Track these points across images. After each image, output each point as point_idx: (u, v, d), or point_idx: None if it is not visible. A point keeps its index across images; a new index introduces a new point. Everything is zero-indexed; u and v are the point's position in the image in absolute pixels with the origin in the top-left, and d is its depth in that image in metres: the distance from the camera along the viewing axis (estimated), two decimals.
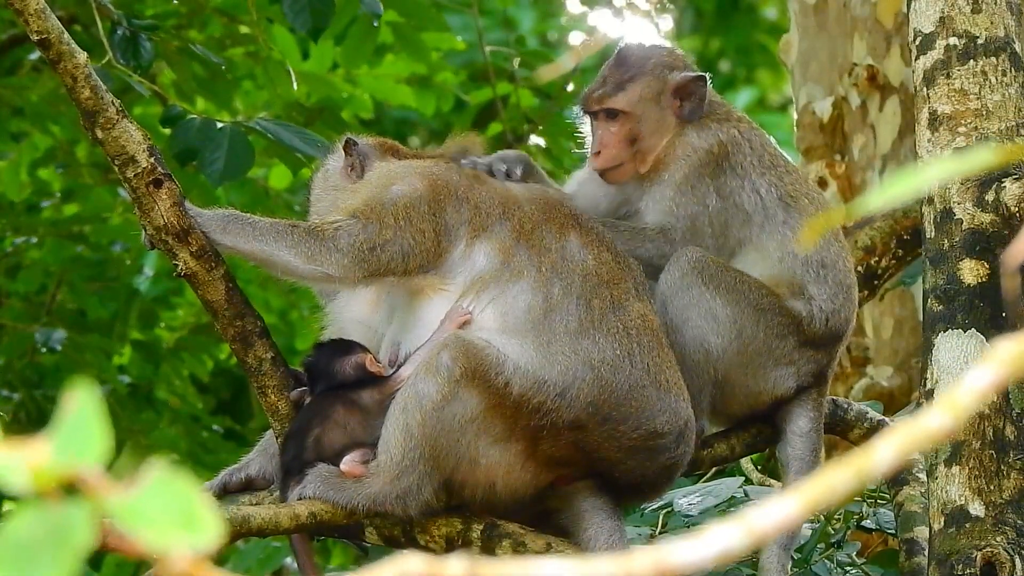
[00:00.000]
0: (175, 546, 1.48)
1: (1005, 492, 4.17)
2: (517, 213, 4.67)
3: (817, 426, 4.96)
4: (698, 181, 4.87)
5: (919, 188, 1.62)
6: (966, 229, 4.32)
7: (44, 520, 1.48)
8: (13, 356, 8.32)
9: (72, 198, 8.76)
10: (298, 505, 4.45)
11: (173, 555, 1.49)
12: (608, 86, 4.95)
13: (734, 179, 4.91)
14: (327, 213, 4.82)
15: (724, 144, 4.92)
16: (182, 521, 1.49)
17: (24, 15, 4.42)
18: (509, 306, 4.52)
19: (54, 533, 1.48)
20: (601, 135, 4.94)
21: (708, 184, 4.88)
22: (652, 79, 4.94)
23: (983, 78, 4.39)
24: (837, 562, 5.12)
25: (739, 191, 4.90)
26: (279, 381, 4.70)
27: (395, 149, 4.97)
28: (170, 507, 1.50)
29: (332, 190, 4.92)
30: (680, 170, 4.89)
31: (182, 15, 7.87)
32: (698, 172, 4.88)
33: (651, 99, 4.93)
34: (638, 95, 4.93)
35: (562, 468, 4.52)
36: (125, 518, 1.48)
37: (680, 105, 4.95)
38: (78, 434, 1.50)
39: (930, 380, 4.30)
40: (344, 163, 4.92)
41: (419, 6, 7.36)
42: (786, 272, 4.91)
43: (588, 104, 4.98)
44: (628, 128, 4.91)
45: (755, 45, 14.83)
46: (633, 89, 4.93)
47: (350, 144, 4.90)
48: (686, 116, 4.94)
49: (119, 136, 4.54)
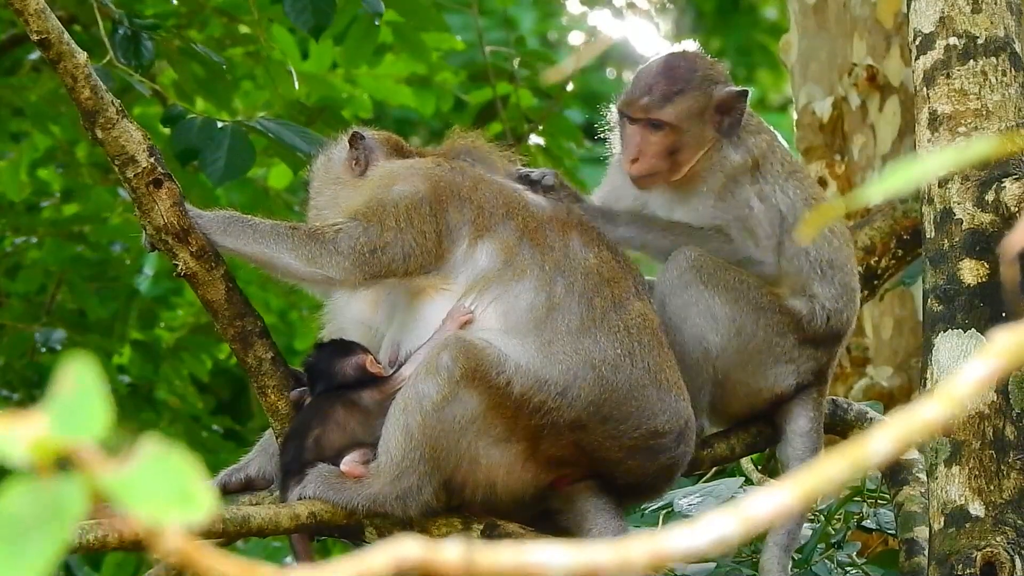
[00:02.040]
0: (169, 522, 1.48)
1: (1005, 492, 4.17)
2: (520, 212, 4.66)
3: (817, 425, 4.97)
4: (738, 189, 4.89)
5: (918, 180, 1.61)
6: (966, 229, 4.32)
7: (37, 495, 1.48)
8: (13, 356, 8.33)
9: (72, 198, 8.76)
10: (298, 505, 4.45)
11: (167, 531, 1.49)
12: (655, 96, 4.89)
13: (767, 185, 4.93)
14: (328, 208, 4.82)
15: (756, 157, 4.94)
16: (177, 497, 1.49)
17: (24, 15, 4.42)
18: (511, 305, 4.52)
19: (47, 508, 1.47)
20: (640, 143, 4.90)
21: (748, 190, 4.90)
22: (699, 93, 4.90)
23: (983, 78, 4.39)
24: (837, 562, 5.12)
25: (773, 195, 4.93)
26: (279, 381, 4.70)
27: (400, 146, 4.95)
28: (165, 483, 1.49)
29: (333, 184, 4.90)
30: (718, 181, 4.89)
31: (182, 15, 7.87)
32: (736, 181, 4.89)
33: (696, 113, 4.89)
34: (685, 109, 4.88)
35: (562, 468, 4.52)
36: (119, 494, 1.48)
37: (721, 120, 4.92)
38: (77, 406, 1.50)
39: (930, 380, 4.30)
40: (348, 156, 4.90)
41: (419, 6, 7.36)
42: (793, 269, 4.93)
43: (633, 111, 4.92)
44: (671, 140, 4.88)
45: (755, 45, 14.84)
46: (681, 103, 4.89)
47: (356, 138, 4.88)
48: (725, 132, 4.92)
49: (119, 136, 4.53)
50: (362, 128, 5.00)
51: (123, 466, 1.50)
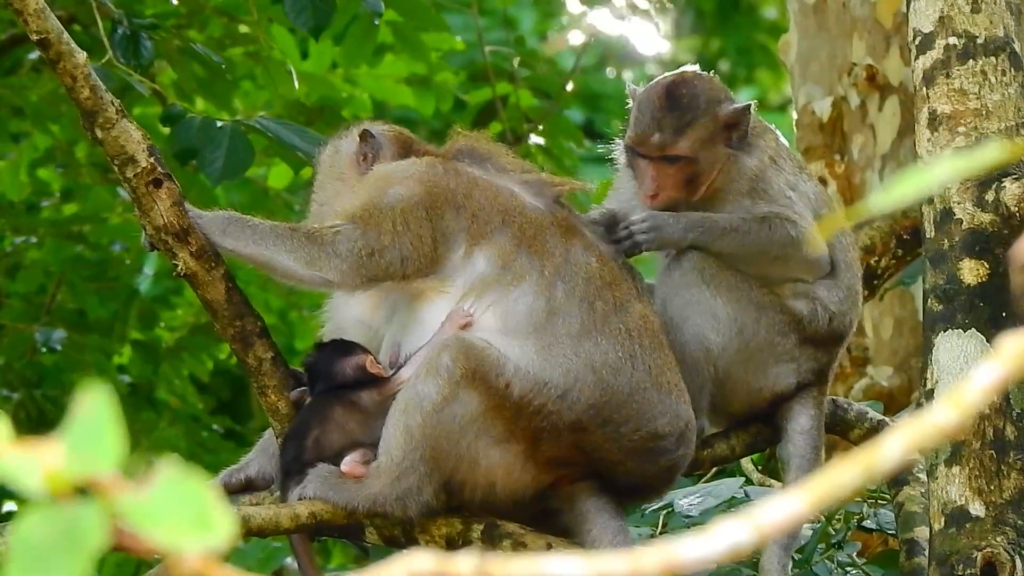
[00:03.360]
0: (188, 545, 1.48)
1: (1005, 492, 4.17)
2: (518, 220, 4.64)
3: (818, 424, 4.96)
4: (766, 185, 4.88)
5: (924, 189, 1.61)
6: (966, 229, 4.32)
7: (56, 521, 1.47)
8: (13, 356, 8.32)
9: (72, 198, 8.76)
10: (298, 505, 4.45)
11: (186, 554, 1.48)
12: (667, 132, 4.83)
13: (790, 175, 4.93)
14: (328, 204, 4.81)
15: (771, 155, 4.93)
16: (195, 520, 1.48)
17: (24, 15, 4.41)
18: (510, 308, 4.51)
19: (67, 534, 1.47)
20: (657, 177, 4.84)
21: (777, 182, 4.89)
22: (707, 120, 4.85)
23: (983, 78, 4.39)
24: (838, 562, 5.12)
25: (798, 185, 4.93)
26: (279, 381, 4.70)
27: (410, 144, 4.92)
28: (182, 506, 1.49)
29: (337, 178, 4.88)
30: (745, 184, 4.86)
31: (182, 15, 7.87)
32: (762, 179, 4.88)
33: (708, 139, 4.85)
34: (697, 139, 4.84)
35: (562, 469, 4.52)
36: (137, 518, 1.48)
37: (730, 136, 4.88)
38: (92, 437, 1.49)
39: (930, 380, 4.30)
40: (357, 150, 4.89)
41: (419, 6, 7.35)
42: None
43: (646, 149, 4.85)
44: (688, 170, 4.83)
45: (755, 45, 14.84)
46: (692, 134, 4.83)
47: (367, 135, 4.87)
48: (736, 145, 4.89)
49: (119, 136, 4.53)
50: (373, 123, 4.98)
51: (140, 490, 1.49)
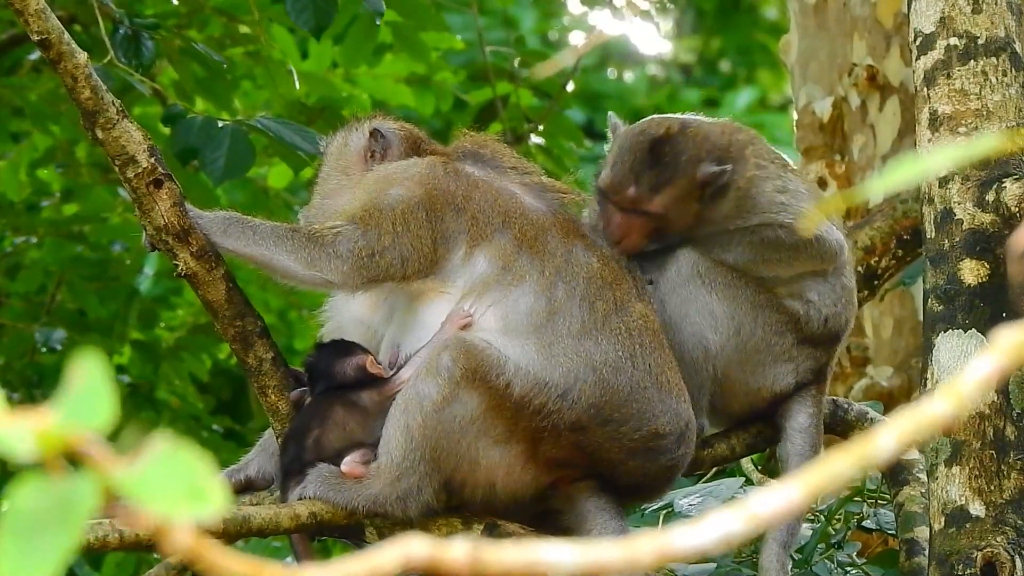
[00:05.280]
0: (180, 517, 1.48)
1: (1005, 492, 4.17)
2: (518, 221, 4.63)
3: (817, 422, 4.97)
4: (754, 197, 4.83)
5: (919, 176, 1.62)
6: (966, 229, 4.32)
7: (49, 492, 1.48)
8: (13, 356, 8.33)
9: (72, 198, 8.76)
10: (298, 505, 4.45)
11: (178, 526, 1.49)
12: (643, 188, 4.77)
13: (777, 180, 4.88)
14: (330, 199, 4.81)
15: (755, 164, 4.87)
16: (187, 492, 1.49)
17: (24, 15, 4.41)
18: (510, 309, 4.52)
19: (59, 505, 1.48)
20: (623, 226, 4.80)
21: (765, 189, 4.85)
22: (685, 180, 4.78)
23: (983, 78, 4.39)
24: (837, 562, 5.12)
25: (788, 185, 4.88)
26: (279, 381, 4.70)
27: (419, 143, 4.91)
28: (175, 478, 1.50)
29: (342, 172, 4.87)
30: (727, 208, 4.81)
31: (182, 15, 7.87)
32: (747, 193, 4.83)
33: (681, 197, 4.79)
34: (672, 197, 4.78)
35: (562, 469, 4.52)
36: (130, 490, 1.48)
37: (703, 194, 4.81)
38: (85, 400, 1.50)
39: (930, 380, 4.30)
40: (365, 146, 4.89)
41: (419, 6, 7.36)
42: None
43: (620, 200, 4.79)
44: (656, 224, 4.80)
45: (755, 45, 14.85)
46: (668, 193, 4.77)
47: (376, 134, 4.86)
48: (708, 201, 4.85)
49: (119, 136, 4.53)
50: (385, 120, 4.98)
51: (133, 462, 1.50)
